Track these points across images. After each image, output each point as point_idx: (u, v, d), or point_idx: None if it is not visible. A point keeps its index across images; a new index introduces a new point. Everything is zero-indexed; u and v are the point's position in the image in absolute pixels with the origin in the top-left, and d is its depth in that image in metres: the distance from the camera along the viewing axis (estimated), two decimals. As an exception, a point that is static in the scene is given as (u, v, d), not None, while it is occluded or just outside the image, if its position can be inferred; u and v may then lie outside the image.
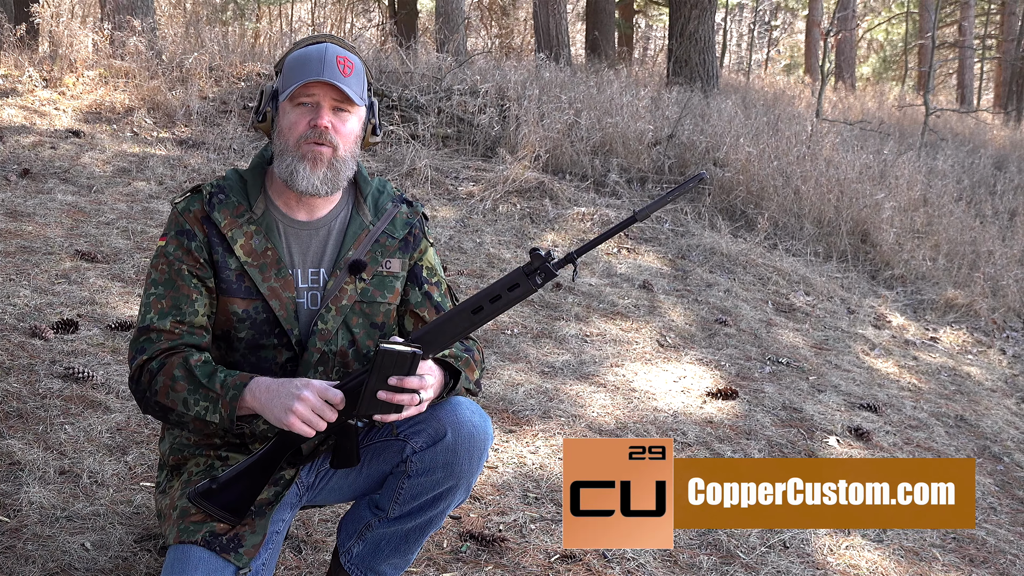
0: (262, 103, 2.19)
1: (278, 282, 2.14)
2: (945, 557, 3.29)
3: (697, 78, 11.85)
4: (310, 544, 2.77)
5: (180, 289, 2.11)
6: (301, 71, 2.10)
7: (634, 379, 4.50)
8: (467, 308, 2.01)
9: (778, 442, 4.02)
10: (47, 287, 4.41)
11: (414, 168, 7.06)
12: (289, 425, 1.95)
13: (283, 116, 2.13)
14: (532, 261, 1.98)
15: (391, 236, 2.26)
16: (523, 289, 1.99)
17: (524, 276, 1.98)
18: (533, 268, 1.98)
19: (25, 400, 3.33)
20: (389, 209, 2.27)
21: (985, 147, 12.48)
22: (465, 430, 2.17)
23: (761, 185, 7.69)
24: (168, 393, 2.03)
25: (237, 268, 2.13)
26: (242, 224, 2.15)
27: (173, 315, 2.10)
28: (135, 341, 2.12)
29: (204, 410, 2.01)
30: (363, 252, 2.20)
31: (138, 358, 2.09)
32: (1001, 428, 4.78)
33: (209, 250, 2.13)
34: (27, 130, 7.01)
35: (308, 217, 2.20)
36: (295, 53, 2.16)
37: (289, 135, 2.11)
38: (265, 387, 2.00)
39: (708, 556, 3.02)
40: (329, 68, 2.09)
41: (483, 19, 22.41)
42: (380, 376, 1.96)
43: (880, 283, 6.96)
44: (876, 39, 29.89)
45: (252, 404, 2.01)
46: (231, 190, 2.18)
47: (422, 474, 2.18)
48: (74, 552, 2.54)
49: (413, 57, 10.40)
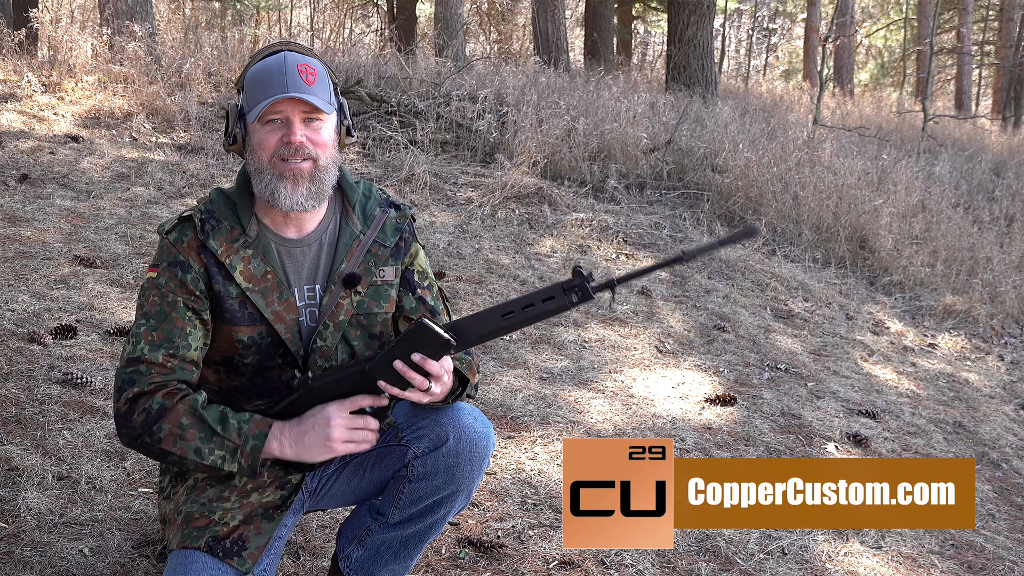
0: (229, 125, 2.12)
1: (281, 305, 2.11)
2: (943, 564, 3.29)
3: (696, 84, 11.88)
4: (308, 550, 2.77)
5: (174, 322, 2.05)
6: (264, 87, 2.04)
7: (632, 385, 4.50)
8: (499, 311, 1.98)
9: (776, 448, 4.02)
10: (45, 292, 4.41)
11: (413, 174, 7.07)
12: (340, 453, 2.00)
13: (253, 135, 2.08)
14: (572, 278, 1.94)
15: (383, 244, 2.22)
16: (557, 303, 1.95)
17: (561, 291, 1.94)
18: (572, 285, 1.94)
19: (23, 406, 3.33)
20: (378, 215, 2.22)
21: (983, 153, 12.49)
22: (467, 435, 2.17)
23: (759, 191, 7.69)
24: (176, 441, 1.98)
25: (239, 295, 2.09)
26: (238, 249, 2.09)
27: (165, 348, 2.03)
28: (122, 371, 2.04)
29: (220, 459, 1.99)
30: (356, 264, 2.16)
31: (127, 390, 2.01)
32: (999, 434, 4.78)
33: (208, 280, 2.08)
34: (26, 135, 7.02)
35: (298, 234, 2.15)
36: (254, 68, 2.09)
37: (262, 153, 2.06)
38: (290, 434, 2.01)
39: (707, 563, 3.02)
40: (292, 81, 2.03)
41: (482, 24, 22.44)
42: (406, 348, 1.96)
43: (878, 289, 6.96)
44: (875, 45, 29.94)
45: (281, 453, 2.02)
46: (221, 214, 2.12)
47: (423, 479, 2.19)
48: (72, 558, 2.53)
49: (412, 62, 10.41)
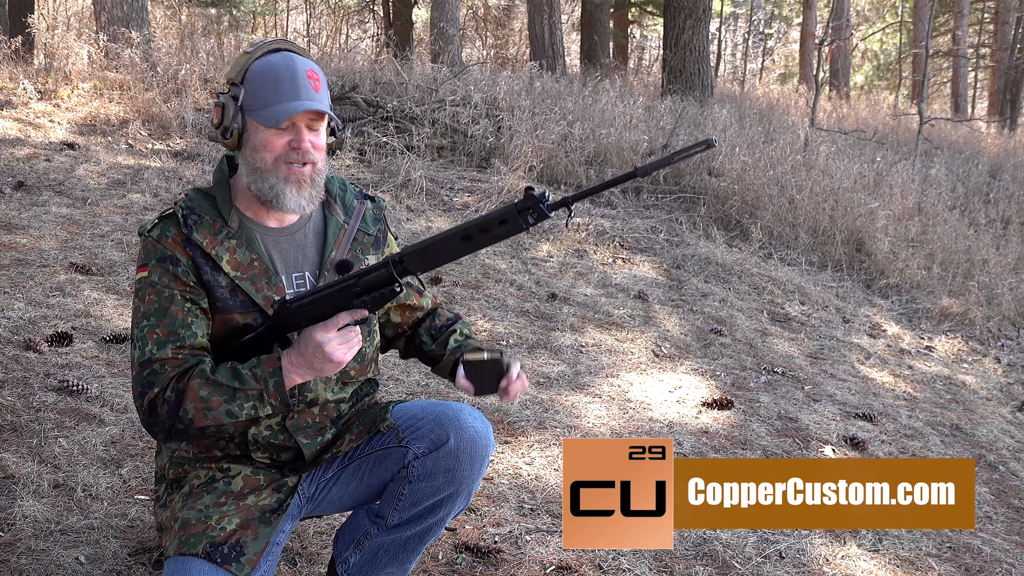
0: (226, 117, 2.10)
1: (271, 290, 2.13)
2: (941, 566, 3.29)
3: (692, 88, 11.89)
4: (305, 556, 2.76)
5: (175, 315, 2.05)
6: (276, 91, 2.05)
7: (629, 389, 4.49)
8: (457, 234, 1.97)
9: (773, 452, 4.02)
10: (41, 300, 4.40)
11: (409, 179, 7.07)
12: (346, 362, 2.01)
13: (256, 134, 2.08)
14: (525, 199, 1.90)
15: (367, 233, 2.28)
16: (512, 225, 1.92)
17: (516, 212, 1.91)
18: (526, 206, 1.90)
19: (19, 413, 3.32)
20: (357, 207, 2.25)
21: (979, 155, 12.51)
22: (467, 435, 2.18)
23: (756, 195, 7.70)
24: (206, 415, 2.00)
25: (228, 284, 2.10)
26: (223, 240, 2.11)
27: (172, 342, 2.04)
28: (139, 377, 2.04)
29: (252, 409, 2.02)
30: (345, 252, 2.19)
31: (148, 392, 2.02)
32: (996, 437, 4.78)
33: (197, 272, 2.08)
34: (22, 142, 7.01)
35: (279, 223, 2.18)
36: (259, 66, 2.08)
37: (266, 155, 2.07)
38: (298, 362, 2.02)
39: (704, 567, 3.01)
40: (305, 89, 2.05)
41: (478, 30, 22.47)
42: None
43: (875, 292, 6.97)
44: (870, 48, 29.98)
45: (299, 379, 2.03)
46: (201, 209, 2.13)
47: (423, 479, 2.19)
48: (68, 566, 2.53)
49: (408, 68, 10.42)
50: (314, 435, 2.21)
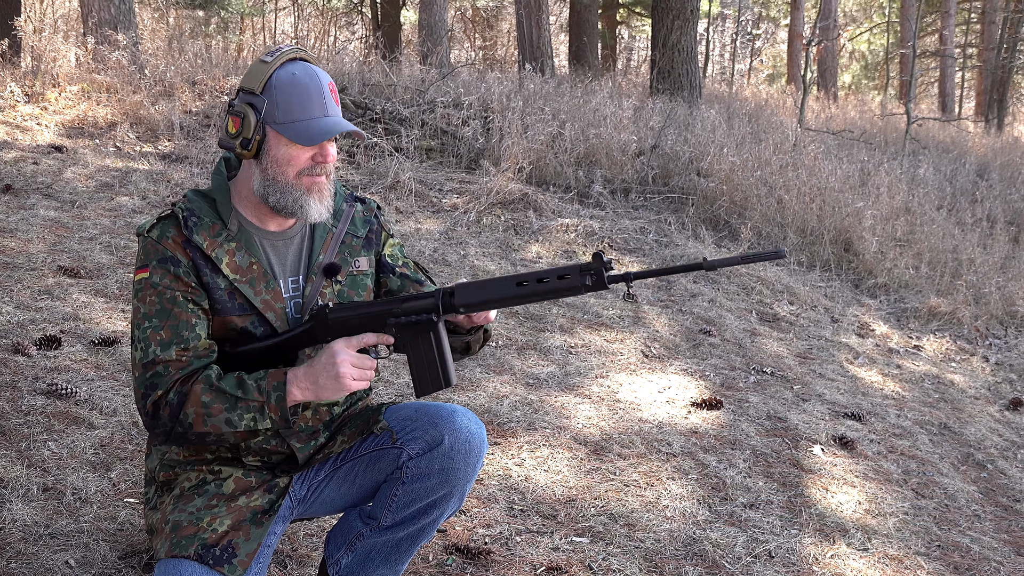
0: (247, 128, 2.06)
1: (269, 294, 2.14)
2: (930, 565, 3.30)
3: (680, 89, 11.91)
4: (296, 559, 2.76)
5: (178, 316, 2.05)
6: (303, 107, 2.05)
7: (619, 390, 4.50)
8: (513, 278, 2.00)
9: (763, 452, 4.03)
10: (30, 303, 4.39)
11: (398, 181, 7.07)
12: (352, 390, 2.01)
13: (278, 147, 2.06)
14: (592, 261, 1.94)
15: (355, 236, 2.29)
16: (571, 282, 1.95)
17: (578, 271, 1.94)
18: (589, 268, 1.94)
19: (8, 417, 3.31)
20: (345, 209, 2.27)
21: (966, 155, 12.57)
22: (462, 436, 2.19)
23: (744, 195, 7.72)
24: (205, 420, 2.00)
25: (227, 287, 2.10)
26: (222, 242, 2.11)
27: (176, 343, 2.04)
28: (142, 379, 2.04)
29: (252, 421, 2.02)
30: (332, 255, 2.21)
31: (151, 394, 2.02)
32: (984, 435, 4.81)
33: (197, 273, 2.08)
34: (9, 145, 6.99)
35: (279, 227, 2.19)
36: (283, 78, 2.06)
37: (288, 168, 2.07)
38: (304, 378, 2.02)
39: (694, 566, 3.02)
40: (331, 106, 2.09)
41: (467, 31, 22.49)
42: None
43: (863, 292, 7.00)
44: (858, 49, 30.10)
45: (301, 396, 2.03)
46: (201, 211, 2.12)
47: (417, 480, 2.20)
48: (58, 569, 2.52)
49: (396, 70, 10.43)
50: (307, 439, 2.22)
